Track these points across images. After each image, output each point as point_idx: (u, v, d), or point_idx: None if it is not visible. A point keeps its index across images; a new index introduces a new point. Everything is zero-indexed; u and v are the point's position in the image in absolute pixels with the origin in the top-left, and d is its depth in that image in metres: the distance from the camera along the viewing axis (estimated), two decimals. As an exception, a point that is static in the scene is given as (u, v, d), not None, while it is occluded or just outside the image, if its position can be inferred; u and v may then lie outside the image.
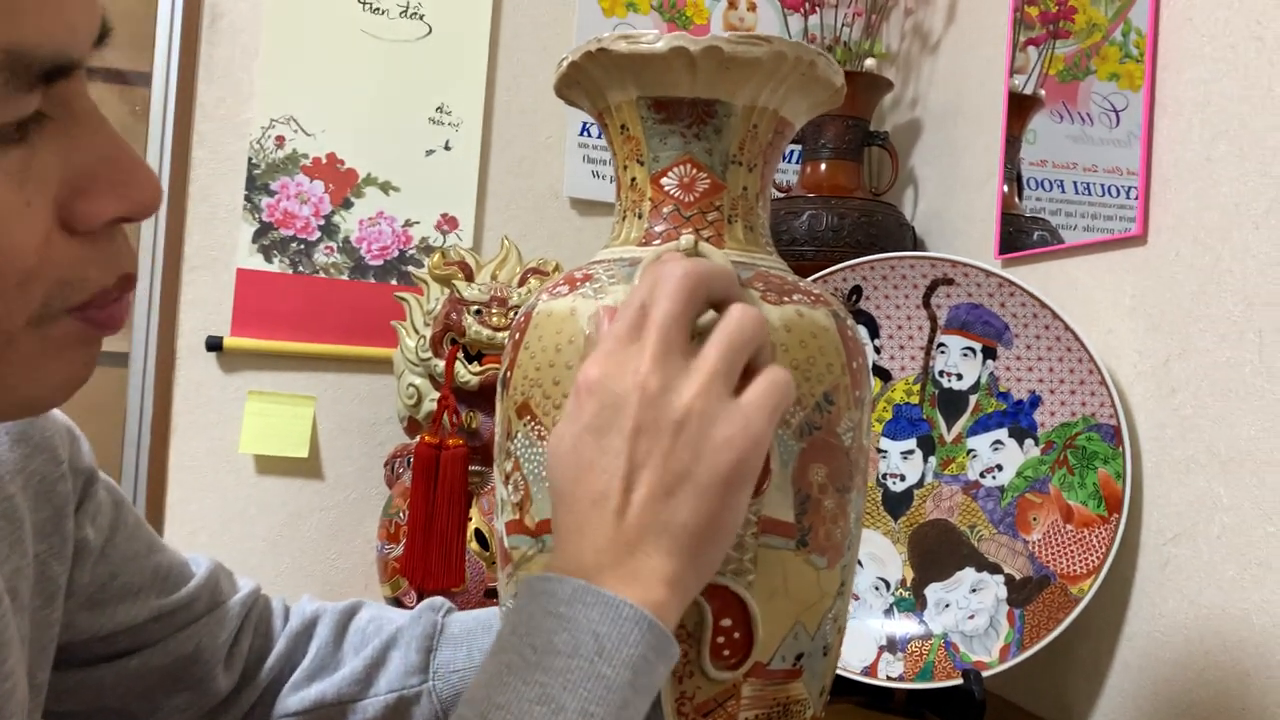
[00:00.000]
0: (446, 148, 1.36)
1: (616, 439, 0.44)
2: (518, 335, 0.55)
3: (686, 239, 0.52)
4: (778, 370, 0.46)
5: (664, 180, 0.55)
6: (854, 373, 0.53)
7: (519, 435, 0.53)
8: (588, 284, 0.53)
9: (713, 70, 0.52)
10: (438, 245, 1.35)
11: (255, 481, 1.32)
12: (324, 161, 1.33)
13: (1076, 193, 1.07)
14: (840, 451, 0.52)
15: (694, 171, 0.54)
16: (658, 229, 0.55)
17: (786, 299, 0.52)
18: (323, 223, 1.33)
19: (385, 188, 1.34)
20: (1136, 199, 0.97)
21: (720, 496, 0.44)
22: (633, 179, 0.56)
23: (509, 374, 0.55)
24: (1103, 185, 1.03)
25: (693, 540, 0.44)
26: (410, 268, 1.34)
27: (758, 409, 0.45)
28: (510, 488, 0.54)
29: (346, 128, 1.33)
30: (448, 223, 1.36)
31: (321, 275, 1.32)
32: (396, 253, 1.34)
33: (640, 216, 0.56)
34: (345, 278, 1.33)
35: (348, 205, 1.33)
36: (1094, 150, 1.03)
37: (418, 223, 1.35)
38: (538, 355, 0.53)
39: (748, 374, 0.46)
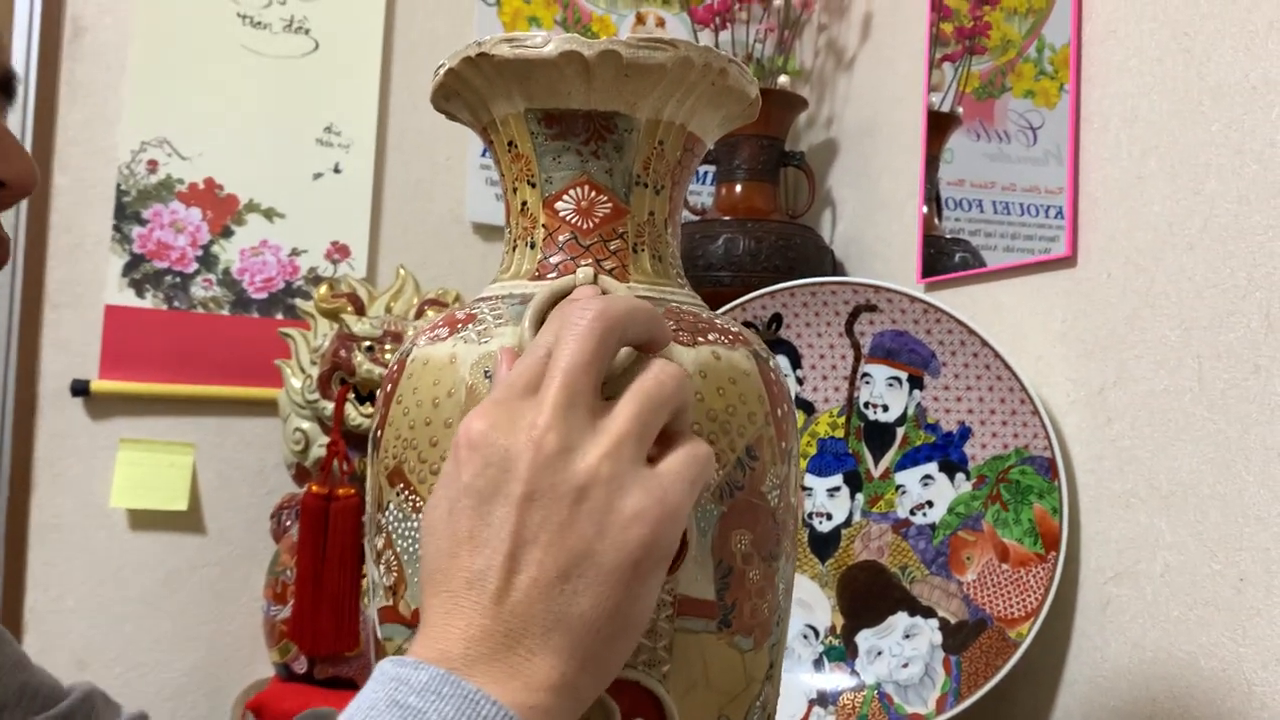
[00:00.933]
0: (336, 170, 1.26)
1: (502, 507, 0.36)
2: (390, 386, 0.48)
3: (584, 272, 0.45)
4: (699, 442, 0.40)
5: (559, 205, 0.48)
6: (778, 421, 0.47)
7: (391, 507, 0.45)
8: (470, 325, 0.46)
9: (610, 78, 0.46)
10: (328, 276, 1.25)
11: (129, 538, 1.21)
12: (201, 187, 1.22)
13: (996, 212, 1.03)
14: (766, 513, 0.46)
15: (593, 194, 0.48)
16: (553, 260, 0.48)
17: (701, 339, 0.46)
18: (200, 253, 1.22)
19: (269, 214, 1.24)
20: (1059, 218, 0.93)
21: (627, 583, 0.36)
22: (523, 203, 0.49)
23: (379, 432, 0.47)
24: (1021, 205, 1.00)
25: (591, 635, 0.36)
26: (298, 300, 1.24)
27: (675, 478, 0.38)
28: (382, 568, 0.46)
29: (226, 150, 1.23)
30: (338, 251, 1.27)
31: (199, 310, 1.21)
32: (282, 284, 1.24)
33: (533, 246, 0.49)
34: (226, 313, 1.22)
35: (228, 234, 1.23)
36: (1012, 169, 1.00)
37: (305, 252, 1.25)
38: (412, 411, 0.45)
39: (663, 439, 0.39)
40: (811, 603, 0.97)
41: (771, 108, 1.20)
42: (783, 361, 1.00)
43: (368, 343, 1.03)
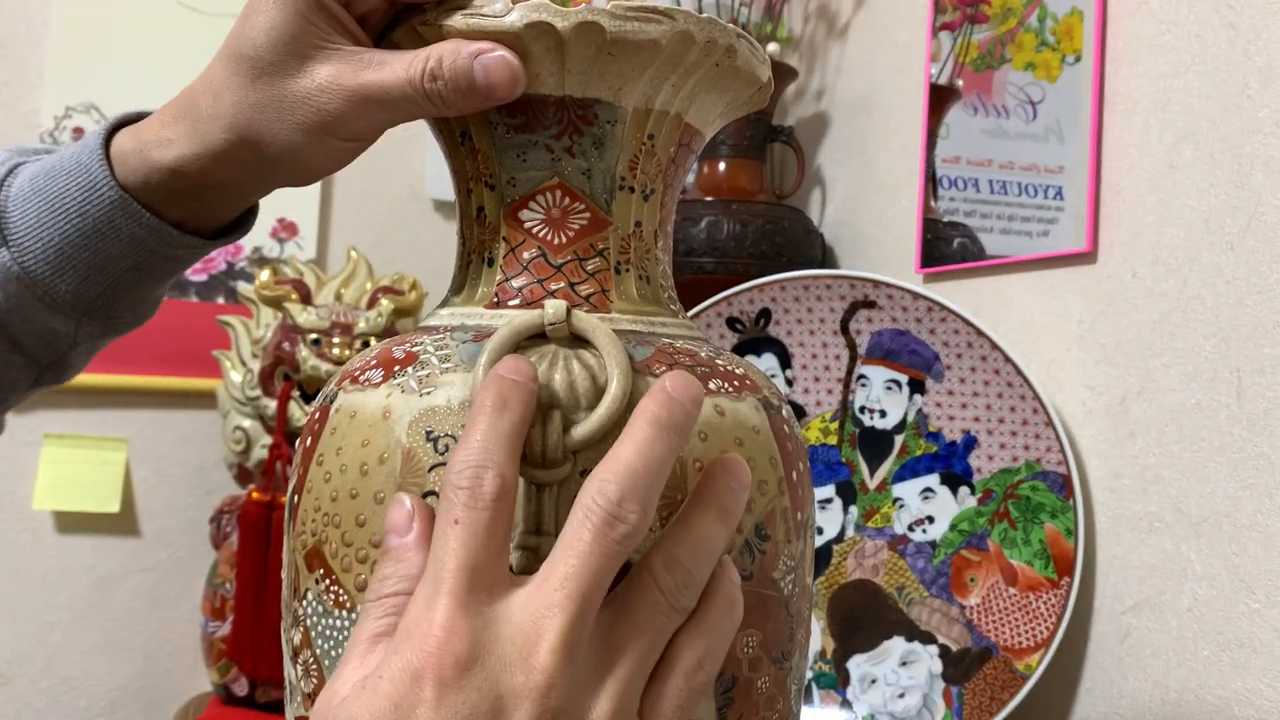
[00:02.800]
0: (283, 142, 1.16)
1: None
2: (309, 440, 0.38)
3: (554, 306, 0.35)
4: (726, 591, 0.34)
5: (524, 213, 0.39)
6: (793, 488, 0.38)
7: (309, 596, 0.37)
8: (410, 369, 0.37)
9: (590, 57, 0.37)
10: (273, 257, 1.15)
11: (55, 542, 1.11)
12: (133, 158, 1.12)
13: (992, 192, 0.96)
14: (778, 605, 0.37)
15: (566, 201, 0.39)
16: (515, 283, 0.39)
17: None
18: (133, 231, 1.11)
19: (209, 189, 1.14)
20: (1058, 198, 0.86)
21: None
22: (479, 209, 0.40)
23: (296, 497, 0.38)
24: (1020, 184, 0.92)
25: None
26: (240, 284, 1.14)
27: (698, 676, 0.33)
28: (299, 669, 0.37)
29: (161, 117, 1.12)
30: (285, 229, 1.16)
31: (132, 294, 1.11)
32: (223, 266, 1.14)
33: (490, 263, 0.39)
34: (161, 296, 1.12)
35: (163, 210, 1.12)
36: (1010, 145, 0.92)
37: (249, 230, 1.15)
38: (335, 477, 0.36)
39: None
40: (799, 624, 0.89)
41: (758, 79, 1.11)
42: (771, 361, 0.92)
43: (314, 335, 0.93)
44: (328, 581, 0.36)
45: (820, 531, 0.90)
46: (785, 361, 0.92)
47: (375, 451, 0.35)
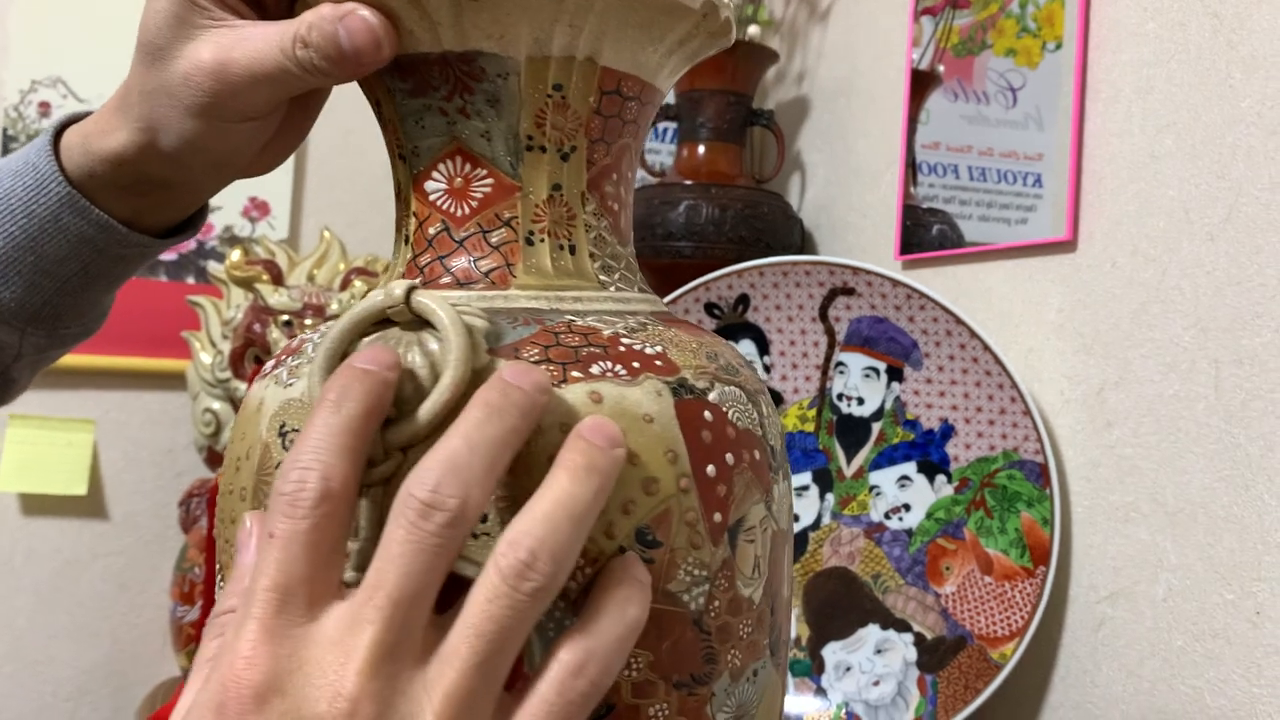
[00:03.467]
0: (255, 119, 1.14)
1: None
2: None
3: (396, 288, 0.31)
4: (625, 586, 0.29)
5: (428, 184, 0.36)
6: (708, 485, 0.32)
7: (220, 589, 0.36)
8: (291, 357, 0.36)
9: (451, 5, 0.33)
10: (244, 236, 1.13)
11: (21, 525, 1.09)
12: (101, 133, 1.09)
13: (971, 178, 0.95)
14: (679, 622, 0.32)
15: (467, 168, 0.35)
16: (422, 260, 0.36)
17: (579, 370, 0.32)
18: (100, 208, 1.09)
19: (179, 166, 1.12)
20: (1037, 185, 0.85)
21: None
22: (398, 184, 0.38)
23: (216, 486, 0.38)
24: (999, 171, 0.92)
25: None
26: (211, 263, 1.12)
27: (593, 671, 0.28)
28: None
29: (129, 92, 1.10)
30: (257, 209, 1.14)
31: (100, 272, 1.09)
32: (193, 245, 1.11)
33: (406, 240, 0.37)
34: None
35: (132, 187, 1.10)
36: (990, 132, 0.92)
37: (219, 208, 1.13)
38: (228, 472, 0.36)
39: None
40: (775, 611, 0.89)
41: (739, 61, 1.09)
42: (749, 347, 0.91)
43: (285, 317, 0.91)
44: (222, 578, 0.35)
45: (796, 519, 0.90)
46: (763, 348, 0.91)
47: (245, 446, 0.34)
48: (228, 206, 1.13)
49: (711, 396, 0.34)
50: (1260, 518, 0.65)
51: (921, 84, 1.01)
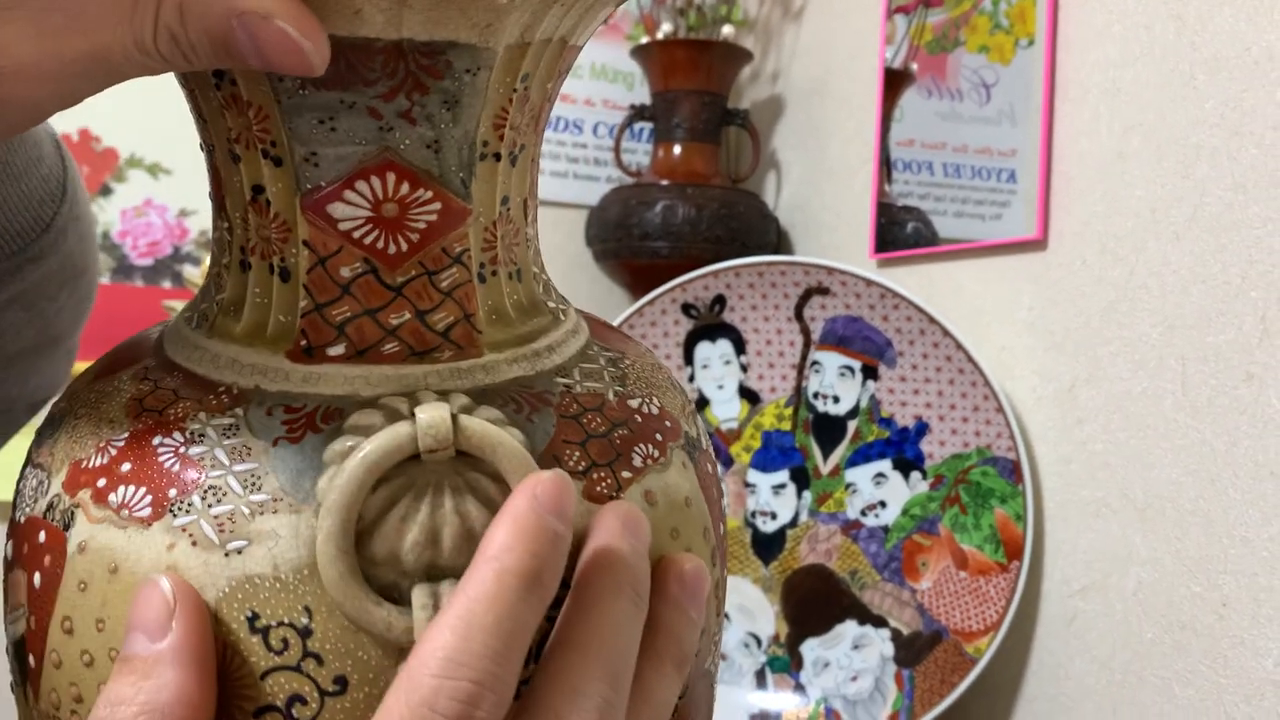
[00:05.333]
0: (230, 123, 1.14)
1: None
2: (39, 579, 0.25)
3: (431, 418, 0.23)
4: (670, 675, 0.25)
5: (337, 208, 0.25)
6: (721, 543, 0.30)
7: None
8: (195, 496, 0.24)
9: None
10: (221, 241, 1.13)
11: (3, 532, 1.09)
12: (75, 139, 1.09)
13: (946, 175, 0.96)
14: (709, 688, 0.31)
15: (404, 188, 0.25)
16: (339, 316, 0.25)
17: (627, 468, 0.26)
18: (75, 214, 1.09)
19: (154, 170, 1.11)
20: (1010, 181, 0.86)
21: None
22: (255, 190, 0.26)
23: (33, 657, 0.25)
24: (973, 167, 0.93)
25: None
26: (187, 268, 1.12)
27: None
28: None
29: (102, 97, 1.09)
30: (234, 213, 1.14)
31: (75, 278, 1.09)
32: (170, 249, 1.11)
33: (285, 278, 0.26)
34: (106, 280, 1.09)
35: (107, 193, 1.10)
36: (964, 129, 0.93)
37: (195, 212, 1.12)
38: (100, 662, 0.24)
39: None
40: (754, 609, 0.90)
41: (714, 61, 1.10)
42: (726, 347, 0.92)
43: (263, 322, 0.92)
44: None
45: (774, 517, 0.91)
46: (740, 347, 0.92)
47: (106, 610, 0.24)
48: (204, 210, 1.12)
49: (702, 442, 0.29)
50: (1226, 511, 0.66)
51: (895, 82, 1.01)
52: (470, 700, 0.20)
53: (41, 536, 0.25)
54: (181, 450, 0.24)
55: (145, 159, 1.11)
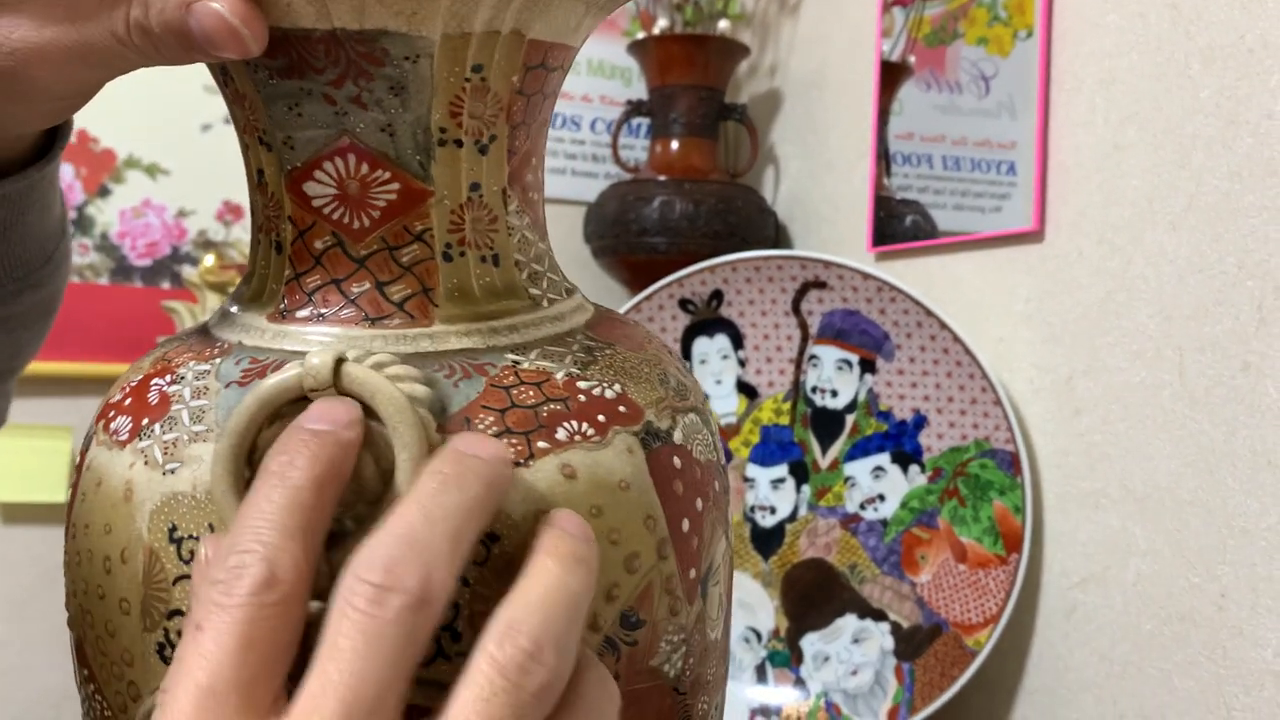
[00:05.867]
0: (227, 121, 1.13)
1: None
2: (71, 492, 0.30)
3: (314, 361, 0.25)
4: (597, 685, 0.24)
5: (310, 186, 0.28)
6: (683, 541, 0.29)
7: (81, 696, 0.30)
8: (159, 425, 0.28)
9: None
10: (219, 240, 1.13)
11: (2, 533, 1.09)
12: (73, 140, 1.09)
13: (945, 168, 0.96)
14: (660, 695, 0.29)
15: (363, 169, 0.28)
16: (310, 284, 0.29)
17: (544, 439, 0.27)
18: (74, 215, 1.09)
19: (151, 171, 1.11)
20: (1010, 173, 0.86)
21: None
22: (259, 172, 0.30)
23: (67, 553, 0.30)
24: (972, 160, 0.92)
25: None
26: (185, 268, 1.12)
27: None
28: None
29: (100, 98, 1.09)
30: (231, 212, 1.14)
31: (75, 279, 1.08)
32: (168, 250, 1.11)
33: (279, 249, 0.29)
34: (104, 281, 1.10)
35: (105, 194, 1.10)
36: (963, 121, 0.93)
37: (193, 213, 1.12)
38: (84, 564, 0.28)
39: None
40: (753, 604, 0.90)
41: (711, 55, 1.10)
42: (724, 342, 0.92)
43: (261, 321, 0.92)
44: (92, 687, 0.28)
45: (773, 511, 0.91)
46: (738, 342, 0.92)
47: (118, 544, 0.27)
48: (201, 210, 1.12)
49: (676, 437, 0.29)
50: (1224, 502, 0.66)
51: (893, 75, 1.01)
52: (255, 557, 0.22)
53: (78, 463, 0.30)
54: (164, 388, 0.28)
55: (143, 160, 1.11)
